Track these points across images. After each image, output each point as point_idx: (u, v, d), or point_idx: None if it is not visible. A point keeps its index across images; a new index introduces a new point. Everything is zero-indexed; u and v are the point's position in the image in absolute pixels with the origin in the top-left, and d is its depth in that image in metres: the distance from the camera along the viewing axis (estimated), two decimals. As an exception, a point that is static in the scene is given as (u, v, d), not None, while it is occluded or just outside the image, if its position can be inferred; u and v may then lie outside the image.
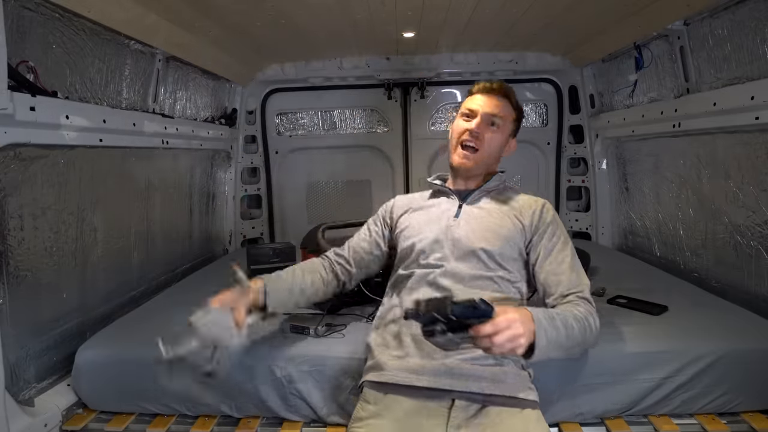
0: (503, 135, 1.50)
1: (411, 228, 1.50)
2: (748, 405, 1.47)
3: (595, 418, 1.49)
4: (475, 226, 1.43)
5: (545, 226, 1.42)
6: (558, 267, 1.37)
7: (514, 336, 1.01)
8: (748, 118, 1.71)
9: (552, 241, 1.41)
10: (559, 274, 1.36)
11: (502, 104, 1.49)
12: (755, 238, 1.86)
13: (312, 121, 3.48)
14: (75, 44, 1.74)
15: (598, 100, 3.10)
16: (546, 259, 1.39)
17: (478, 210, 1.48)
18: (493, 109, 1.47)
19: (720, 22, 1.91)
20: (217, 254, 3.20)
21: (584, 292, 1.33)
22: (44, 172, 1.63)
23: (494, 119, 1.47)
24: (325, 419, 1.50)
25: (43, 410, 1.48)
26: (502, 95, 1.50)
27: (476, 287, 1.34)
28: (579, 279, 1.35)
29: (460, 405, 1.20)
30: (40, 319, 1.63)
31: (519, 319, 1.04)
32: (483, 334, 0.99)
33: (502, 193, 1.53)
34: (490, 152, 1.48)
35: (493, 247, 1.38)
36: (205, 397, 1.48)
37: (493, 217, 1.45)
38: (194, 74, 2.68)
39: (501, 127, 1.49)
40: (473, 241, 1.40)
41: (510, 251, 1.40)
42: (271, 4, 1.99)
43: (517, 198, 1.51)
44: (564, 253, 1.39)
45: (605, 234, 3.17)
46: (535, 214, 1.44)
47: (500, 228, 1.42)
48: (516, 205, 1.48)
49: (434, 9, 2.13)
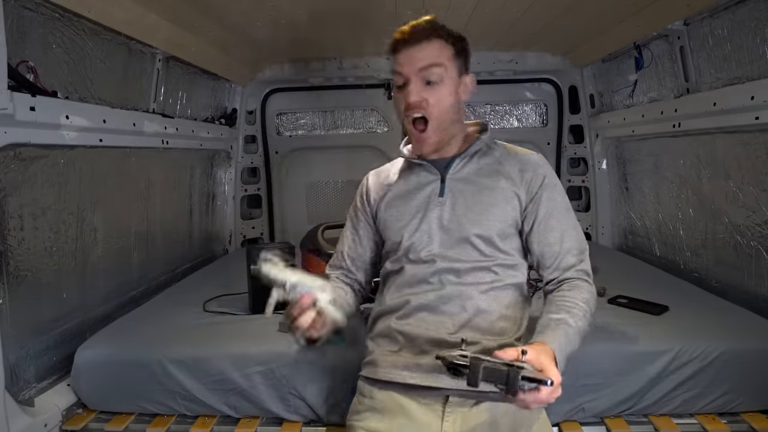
0: (449, 85, 1.22)
1: (393, 219, 1.31)
2: (748, 405, 1.47)
3: (595, 417, 1.49)
4: (464, 207, 1.25)
5: (540, 190, 1.25)
6: (550, 235, 1.23)
7: (556, 396, 0.95)
8: (748, 118, 1.71)
9: (547, 207, 1.24)
10: (553, 243, 1.22)
11: (431, 49, 1.20)
12: (755, 238, 1.86)
13: (312, 121, 3.48)
14: (75, 44, 1.74)
15: (598, 100, 3.10)
16: (539, 227, 1.24)
17: (464, 184, 1.28)
18: (423, 62, 1.19)
19: (720, 22, 1.91)
20: (217, 254, 3.20)
21: (584, 263, 1.22)
22: (44, 172, 1.63)
23: (428, 75, 1.20)
24: (324, 419, 1.50)
25: (43, 410, 1.48)
26: (426, 38, 1.20)
27: (473, 281, 1.22)
28: (578, 246, 1.23)
29: (455, 401, 1.17)
30: (40, 319, 1.63)
31: (559, 376, 0.95)
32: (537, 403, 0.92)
33: (488, 154, 1.31)
34: (443, 112, 1.22)
35: (488, 231, 1.23)
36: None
37: (483, 193, 1.26)
38: (194, 74, 2.68)
39: (442, 78, 1.20)
40: (465, 227, 1.24)
41: (507, 228, 1.25)
42: (271, 4, 1.99)
43: (507, 158, 1.30)
44: (559, 218, 1.24)
45: (605, 234, 3.17)
46: (530, 178, 1.26)
47: (493, 206, 1.24)
48: (506, 169, 1.27)
49: (434, 9, 2.12)
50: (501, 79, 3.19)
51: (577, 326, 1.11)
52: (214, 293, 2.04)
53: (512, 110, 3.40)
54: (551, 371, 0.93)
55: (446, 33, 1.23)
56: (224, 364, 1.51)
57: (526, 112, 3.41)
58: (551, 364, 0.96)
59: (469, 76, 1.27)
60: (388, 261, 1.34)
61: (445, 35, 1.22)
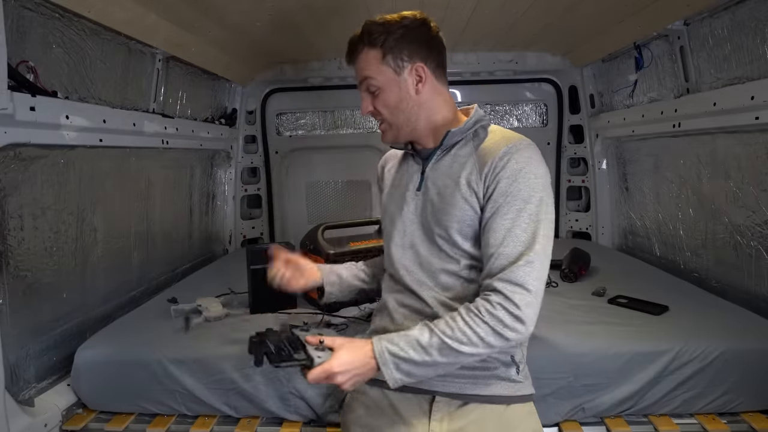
0: (389, 89, 1.17)
1: (384, 214, 1.31)
2: (748, 405, 1.47)
3: (595, 417, 1.49)
4: (432, 206, 1.17)
5: (497, 183, 1.08)
6: (491, 236, 1.07)
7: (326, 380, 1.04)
8: (748, 118, 1.71)
9: (496, 202, 1.08)
10: (490, 246, 1.06)
11: (361, 61, 1.18)
12: (755, 238, 1.86)
13: (312, 121, 3.48)
14: (75, 44, 1.74)
15: (598, 100, 3.10)
16: (485, 226, 1.10)
17: (438, 178, 1.19)
18: (359, 77, 1.19)
19: (720, 22, 1.91)
20: (217, 254, 3.20)
21: (516, 272, 1.01)
22: (44, 172, 1.63)
23: (368, 87, 1.19)
24: (324, 419, 1.50)
25: (43, 410, 1.48)
26: (359, 50, 1.18)
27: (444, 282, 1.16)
28: (513, 250, 1.03)
29: (442, 400, 1.16)
30: (40, 319, 1.63)
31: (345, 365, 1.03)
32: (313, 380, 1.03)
33: (467, 145, 1.19)
34: (394, 114, 1.18)
35: (447, 232, 1.14)
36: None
37: (447, 188, 1.16)
38: (194, 74, 2.68)
39: (382, 84, 1.16)
40: (430, 227, 1.16)
41: (466, 229, 1.13)
42: (271, 4, 1.99)
43: (480, 148, 1.17)
44: (506, 218, 1.06)
45: (605, 234, 3.17)
46: (489, 170, 1.10)
47: (452, 206, 1.13)
48: (472, 162, 1.15)
49: (434, 9, 2.12)
50: (501, 79, 3.19)
51: (432, 359, 1.02)
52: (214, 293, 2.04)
53: (512, 110, 3.40)
54: (334, 361, 1.02)
55: (374, 36, 1.15)
56: (224, 363, 1.51)
57: (526, 112, 3.41)
58: (348, 354, 1.04)
59: (415, 65, 1.16)
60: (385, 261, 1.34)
61: (372, 40, 1.16)
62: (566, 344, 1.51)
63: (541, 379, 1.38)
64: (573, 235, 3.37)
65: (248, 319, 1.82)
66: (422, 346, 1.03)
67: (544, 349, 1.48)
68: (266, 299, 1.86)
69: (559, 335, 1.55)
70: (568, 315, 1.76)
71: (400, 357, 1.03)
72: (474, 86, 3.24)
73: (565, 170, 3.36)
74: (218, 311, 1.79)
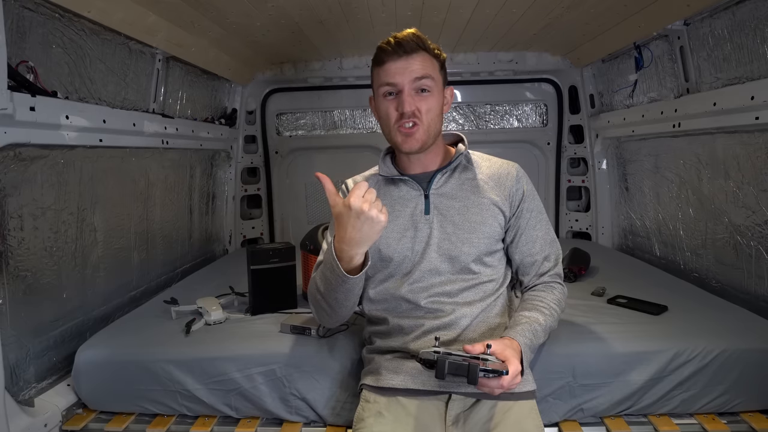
0: (437, 95, 1.26)
1: (382, 237, 1.27)
2: (747, 405, 1.47)
3: (594, 417, 1.49)
4: (453, 225, 1.29)
5: (522, 203, 1.32)
6: (533, 246, 1.34)
7: (517, 382, 1.08)
8: (748, 118, 1.71)
9: (526, 218, 1.33)
10: (535, 254, 1.34)
11: (421, 60, 1.23)
12: (755, 238, 1.86)
13: (312, 121, 3.48)
14: (75, 44, 1.74)
15: (598, 100, 3.10)
16: (521, 239, 1.33)
17: (449, 200, 1.31)
18: (417, 73, 1.22)
19: (720, 22, 1.91)
20: (217, 254, 3.20)
21: (557, 267, 1.36)
22: (44, 172, 1.63)
23: (421, 85, 1.22)
24: (325, 420, 1.50)
25: (43, 410, 1.48)
26: (415, 50, 1.22)
27: (464, 301, 1.27)
28: (554, 253, 1.36)
29: (457, 398, 1.21)
30: (40, 319, 1.63)
31: (518, 366, 1.08)
32: (500, 389, 1.04)
33: (468, 168, 1.34)
34: (432, 121, 1.25)
35: (478, 251, 1.28)
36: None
37: (469, 209, 1.29)
38: (194, 74, 2.68)
39: (432, 88, 1.24)
40: (457, 247, 1.27)
41: (494, 245, 1.32)
42: (271, 4, 1.99)
43: (487, 171, 1.34)
44: (538, 229, 1.34)
45: (605, 234, 3.17)
46: (512, 192, 1.32)
47: (481, 224, 1.29)
48: (488, 185, 1.32)
49: (434, 9, 2.13)
50: (501, 79, 3.19)
51: (545, 324, 1.24)
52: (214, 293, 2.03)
53: (512, 110, 3.40)
54: (511, 362, 1.05)
55: (432, 49, 1.27)
56: (225, 364, 1.51)
57: (526, 112, 3.41)
58: (514, 356, 1.08)
59: (449, 89, 1.34)
60: (381, 276, 1.34)
61: (430, 49, 1.26)
62: (566, 344, 1.51)
63: (541, 379, 1.39)
64: (573, 235, 3.37)
65: (249, 319, 1.82)
66: (543, 328, 1.24)
67: (543, 349, 1.47)
68: (267, 300, 1.86)
69: (559, 335, 1.55)
70: (568, 315, 1.75)
71: (535, 345, 1.21)
72: (474, 86, 3.24)
73: (565, 170, 3.36)
74: (219, 315, 1.77)
